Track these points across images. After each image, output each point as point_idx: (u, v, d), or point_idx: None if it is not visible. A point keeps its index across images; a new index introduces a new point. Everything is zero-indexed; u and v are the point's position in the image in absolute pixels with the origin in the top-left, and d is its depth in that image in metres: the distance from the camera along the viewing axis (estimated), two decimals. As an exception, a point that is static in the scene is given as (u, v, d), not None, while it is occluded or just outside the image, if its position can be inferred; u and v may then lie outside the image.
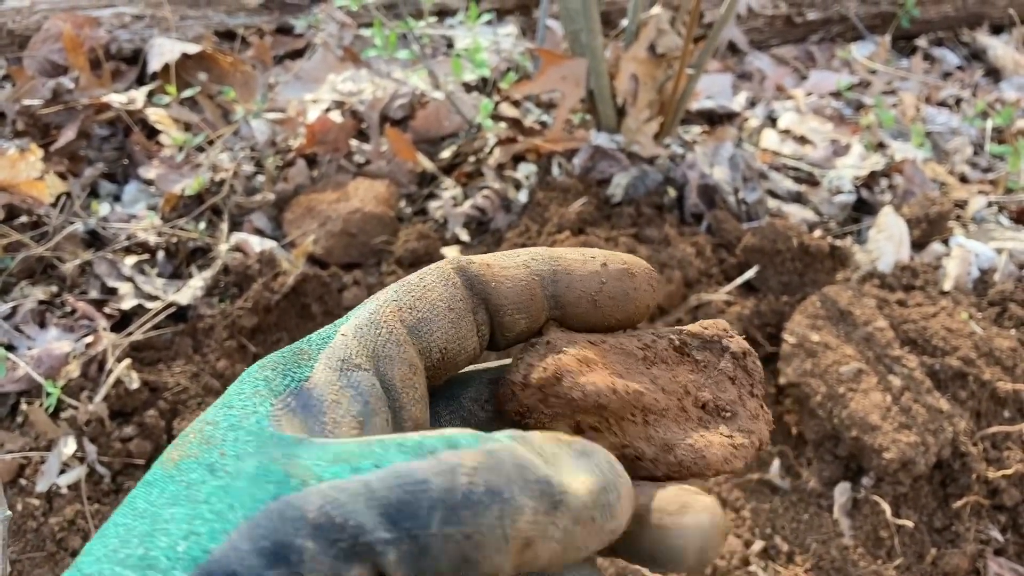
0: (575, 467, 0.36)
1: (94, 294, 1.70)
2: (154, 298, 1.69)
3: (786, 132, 2.37)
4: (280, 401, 0.37)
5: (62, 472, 1.39)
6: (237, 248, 1.79)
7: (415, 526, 0.31)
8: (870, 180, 2.11)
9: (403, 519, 0.31)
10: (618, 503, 0.37)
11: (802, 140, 2.33)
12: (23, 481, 1.38)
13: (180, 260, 1.82)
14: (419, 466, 0.32)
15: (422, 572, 0.31)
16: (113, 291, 1.71)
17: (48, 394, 1.46)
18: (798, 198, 2.06)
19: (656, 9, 1.87)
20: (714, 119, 2.46)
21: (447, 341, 0.44)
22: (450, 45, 2.64)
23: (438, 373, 0.45)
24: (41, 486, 1.37)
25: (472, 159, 2.10)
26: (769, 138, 2.32)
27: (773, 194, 2.06)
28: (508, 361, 0.47)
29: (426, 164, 2.06)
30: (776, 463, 1.43)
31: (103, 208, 1.90)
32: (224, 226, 1.87)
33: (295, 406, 0.37)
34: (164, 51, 2.27)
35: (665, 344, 0.49)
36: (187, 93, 2.16)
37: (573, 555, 0.35)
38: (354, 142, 2.14)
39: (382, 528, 0.31)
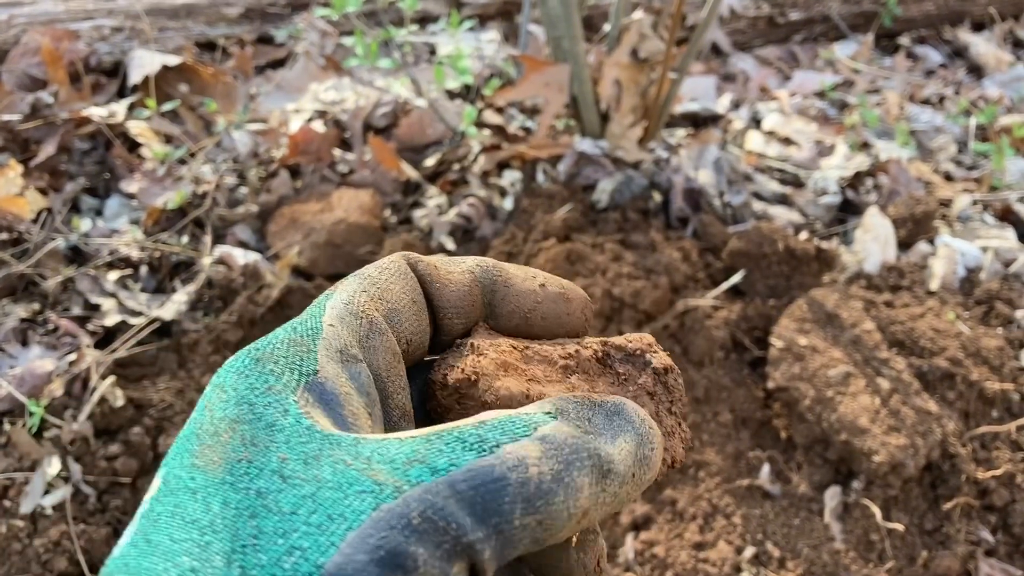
0: (613, 430, 0.39)
1: (77, 311, 1.69)
2: (138, 314, 1.67)
3: (771, 134, 2.37)
4: (299, 396, 0.36)
5: (47, 492, 1.37)
6: (221, 261, 1.77)
7: (501, 521, 0.33)
8: (855, 180, 2.11)
9: (490, 515, 0.33)
10: (652, 455, 0.40)
11: (787, 141, 2.33)
12: (7, 502, 1.37)
13: (163, 275, 1.80)
14: (493, 463, 0.33)
15: (504, 558, 0.34)
16: (96, 307, 1.69)
17: (31, 413, 1.44)
18: (784, 200, 2.06)
19: (638, 14, 1.86)
20: (698, 122, 2.45)
21: (412, 332, 0.44)
22: (433, 52, 2.63)
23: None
24: (25, 507, 1.35)
25: (456, 167, 2.09)
26: (754, 140, 2.32)
27: (759, 196, 2.06)
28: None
29: (410, 173, 2.05)
30: (766, 468, 1.43)
31: (85, 224, 1.88)
32: (207, 239, 1.85)
33: (314, 400, 0.37)
34: (144, 63, 2.26)
35: (588, 354, 0.49)
36: (168, 106, 2.15)
37: (618, 510, 0.41)
38: (337, 152, 2.13)
39: (478, 528, 0.32)
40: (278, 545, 0.31)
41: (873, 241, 1.82)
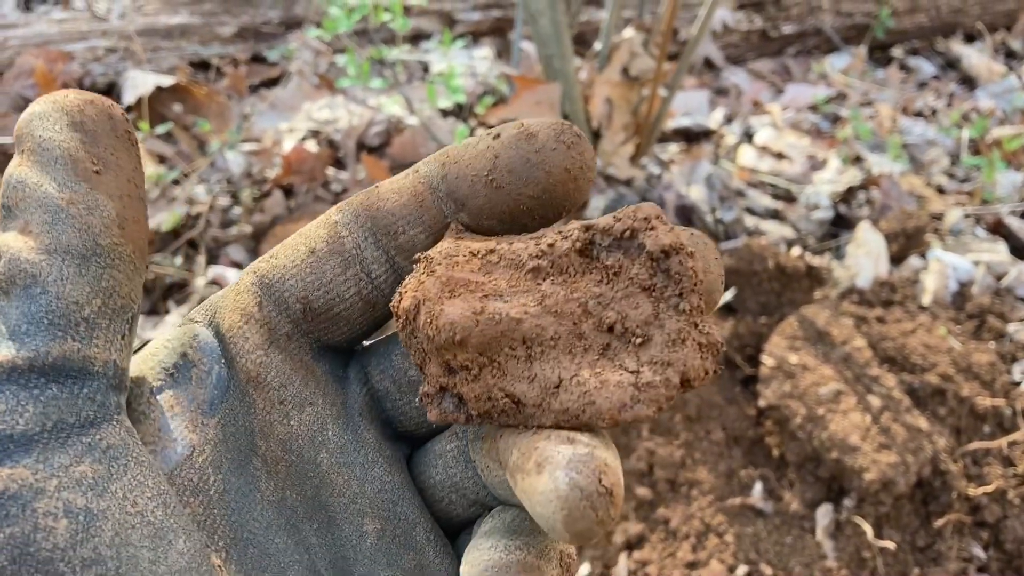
0: None
1: (70, 333, 1.69)
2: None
3: (763, 148, 2.37)
4: None
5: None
6: (214, 282, 1.78)
7: None
8: (847, 195, 2.12)
9: None
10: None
11: (779, 156, 2.34)
12: None
13: (157, 296, 1.81)
14: None
15: None
16: (90, 330, 1.69)
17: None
18: (776, 215, 2.07)
19: (628, 32, 1.87)
20: (691, 137, 2.46)
21: (306, 289, 0.40)
22: (426, 70, 2.64)
23: (316, 327, 0.41)
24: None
25: (449, 185, 2.09)
26: (746, 155, 2.33)
27: (751, 211, 2.06)
28: None
29: (403, 191, 2.05)
30: (758, 486, 1.43)
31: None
32: (201, 260, 1.86)
33: None
34: (138, 84, 2.27)
35: (567, 247, 0.38)
36: (161, 129, 2.15)
37: None
38: (331, 171, 2.14)
39: None
40: None
41: (865, 256, 1.83)
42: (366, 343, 0.46)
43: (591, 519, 0.31)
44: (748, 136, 2.49)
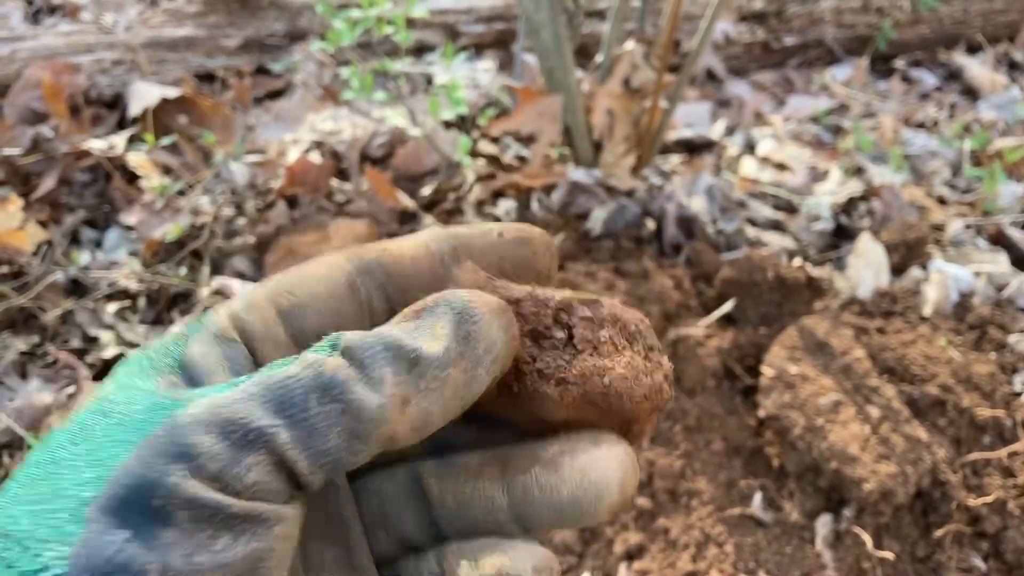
0: (432, 320, 0.38)
1: (76, 343, 1.70)
2: (136, 345, 1.69)
3: (765, 159, 2.38)
4: (165, 379, 0.38)
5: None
6: (219, 292, 1.79)
7: (295, 411, 0.34)
8: (848, 206, 2.13)
9: (283, 407, 0.34)
10: (476, 328, 0.38)
11: (780, 167, 2.34)
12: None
13: (162, 306, 1.82)
14: (286, 368, 0.35)
15: (320, 453, 0.34)
16: (95, 340, 1.71)
17: (30, 447, 1.45)
18: (777, 226, 2.07)
19: (630, 44, 1.89)
20: (693, 148, 2.47)
21: (323, 324, 0.44)
22: (429, 81, 2.66)
23: None
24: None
25: (452, 196, 2.11)
26: (748, 166, 2.34)
27: (752, 222, 2.07)
28: None
29: (406, 202, 2.07)
30: (758, 496, 1.43)
31: (84, 256, 1.90)
32: (205, 270, 1.87)
33: (179, 381, 0.39)
34: (144, 96, 2.29)
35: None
36: (166, 140, 2.17)
37: (467, 393, 0.38)
38: (334, 182, 2.15)
39: (268, 415, 0.33)
40: (83, 460, 0.33)
41: (866, 267, 1.83)
42: None
43: (635, 484, 0.41)
44: (750, 147, 2.50)
